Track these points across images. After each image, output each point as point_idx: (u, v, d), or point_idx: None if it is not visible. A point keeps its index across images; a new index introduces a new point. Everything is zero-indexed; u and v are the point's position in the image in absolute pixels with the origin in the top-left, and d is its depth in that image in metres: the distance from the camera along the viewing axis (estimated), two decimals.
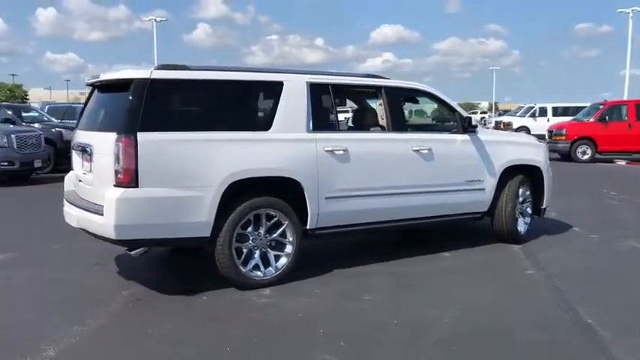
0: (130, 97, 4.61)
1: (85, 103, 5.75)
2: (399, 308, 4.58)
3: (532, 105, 30.71)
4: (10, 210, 9.52)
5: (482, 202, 6.41)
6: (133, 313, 4.53)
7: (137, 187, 4.46)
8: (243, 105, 5.25)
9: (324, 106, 5.54)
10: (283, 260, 5.13)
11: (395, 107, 5.93)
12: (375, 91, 6.03)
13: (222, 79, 5.09)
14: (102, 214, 4.53)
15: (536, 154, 6.90)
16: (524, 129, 28.84)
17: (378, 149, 5.70)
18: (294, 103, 5.23)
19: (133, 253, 4.74)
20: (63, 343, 3.84)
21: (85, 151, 5.05)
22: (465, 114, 6.33)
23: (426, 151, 5.89)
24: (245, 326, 4.21)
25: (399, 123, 5.95)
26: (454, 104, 6.43)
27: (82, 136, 5.28)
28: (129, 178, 4.45)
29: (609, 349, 3.76)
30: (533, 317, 4.39)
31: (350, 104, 7.44)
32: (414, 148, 5.82)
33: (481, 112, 67.58)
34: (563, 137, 18.61)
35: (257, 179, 4.95)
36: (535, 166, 6.82)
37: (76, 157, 5.40)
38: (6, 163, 11.75)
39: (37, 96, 72.54)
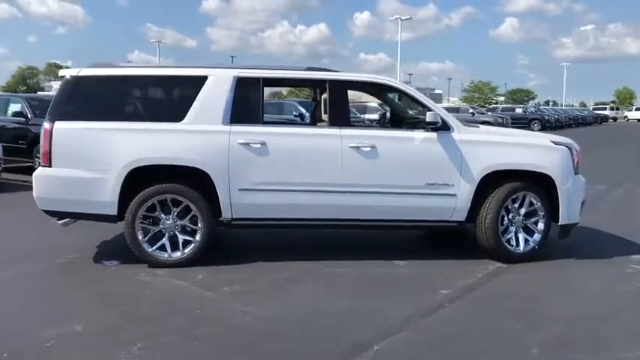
0: (60, 91, 5.51)
1: None
2: (229, 302, 4.57)
3: None
4: None
5: (454, 209, 5.63)
6: (47, 271, 5.40)
7: (50, 167, 5.34)
8: (159, 98, 5.75)
9: (251, 99, 5.62)
10: (191, 245, 5.46)
11: (336, 101, 5.65)
12: (322, 85, 5.80)
13: (142, 74, 5.65)
14: None
15: (540, 159, 5.70)
16: None
17: (303, 144, 5.53)
18: (213, 96, 5.48)
19: (60, 222, 5.65)
20: None
21: None
22: (436, 110, 5.61)
23: (368, 149, 5.49)
24: (90, 293, 4.85)
25: (339, 118, 5.64)
26: (424, 99, 5.76)
27: None
28: (46, 159, 5.36)
29: None
30: (323, 330, 4.06)
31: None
32: (351, 145, 5.47)
33: None
34: None
35: (162, 167, 5.38)
36: (542, 173, 5.68)
37: None
38: None
39: None
